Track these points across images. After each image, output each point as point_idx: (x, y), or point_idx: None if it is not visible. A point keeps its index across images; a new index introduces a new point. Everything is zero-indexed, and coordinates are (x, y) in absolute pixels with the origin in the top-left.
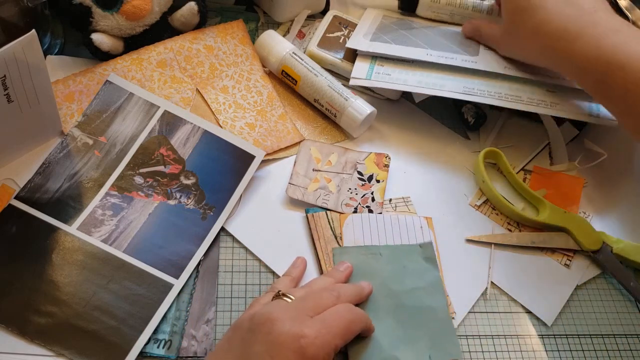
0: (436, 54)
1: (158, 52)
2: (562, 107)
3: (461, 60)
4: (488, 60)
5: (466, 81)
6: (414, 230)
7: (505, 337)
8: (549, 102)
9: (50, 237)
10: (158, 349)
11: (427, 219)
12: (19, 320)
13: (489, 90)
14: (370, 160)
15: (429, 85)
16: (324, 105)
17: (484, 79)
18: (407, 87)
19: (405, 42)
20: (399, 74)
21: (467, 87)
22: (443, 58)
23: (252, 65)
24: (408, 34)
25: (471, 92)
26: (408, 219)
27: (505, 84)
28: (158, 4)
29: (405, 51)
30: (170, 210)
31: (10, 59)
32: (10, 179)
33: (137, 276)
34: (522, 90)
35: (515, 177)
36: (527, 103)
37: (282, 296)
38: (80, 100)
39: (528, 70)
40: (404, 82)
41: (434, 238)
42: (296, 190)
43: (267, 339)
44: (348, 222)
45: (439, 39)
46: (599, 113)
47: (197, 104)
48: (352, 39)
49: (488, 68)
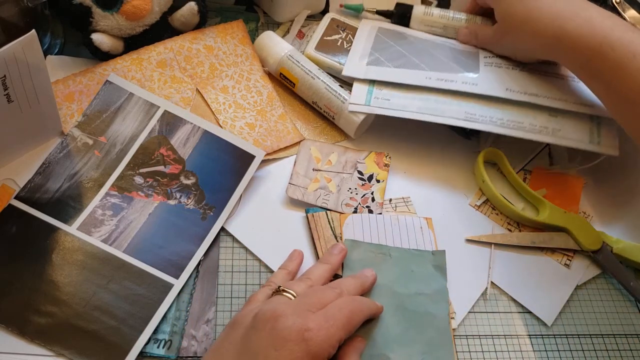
0: (435, 77)
1: (158, 52)
2: (564, 133)
3: (461, 84)
4: (489, 81)
5: (468, 105)
6: (414, 231)
7: (505, 337)
8: (550, 128)
9: (50, 237)
10: (158, 349)
11: (427, 219)
12: (19, 320)
13: (491, 115)
14: (371, 159)
15: (429, 111)
16: (322, 107)
17: (485, 103)
18: (407, 114)
19: (404, 62)
20: (399, 98)
21: (468, 112)
22: (443, 82)
23: (252, 65)
24: (405, 50)
25: (473, 119)
26: (408, 219)
27: (507, 108)
28: (158, 4)
29: (403, 76)
30: (170, 210)
31: (10, 59)
32: (10, 179)
33: (137, 276)
34: (524, 116)
35: (515, 177)
36: (529, 130)
37: (282, 291)
38: (80, 100)
39: (529, 91)
40: (404, 108)
41: (433, 239)
42: (296, 190)
43: (271, 334)
44: (348, 222)
45: (438, 55)
46: (600, 140)
47: (197, 104)
48: (348, 63)
49: (489, 92)
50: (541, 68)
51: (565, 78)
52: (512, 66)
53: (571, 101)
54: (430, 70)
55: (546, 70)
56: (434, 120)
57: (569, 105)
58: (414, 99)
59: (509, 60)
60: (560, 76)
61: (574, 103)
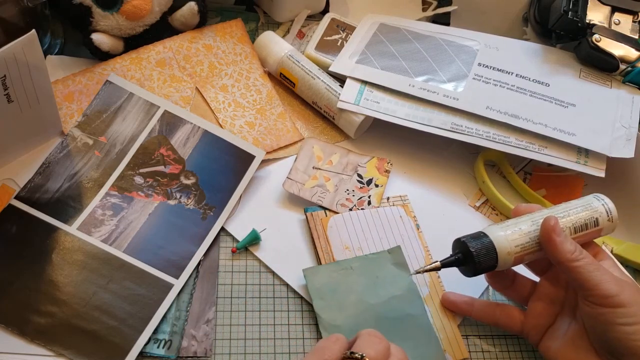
0: (419, 85)
1: (157, 51)
2: (550, 151)
3: (443, 97)
4: (471, 97)
5: (454, 118)
6: (395, 221)
7: (505, 337)
8: (537, 145)
9: (50, 237)
10: (158, 349)
11: (404, 206)
12: (19, 320)
13: (477, 128)
14: (372, 164)
15: (416, 118)
16: (322, 107)
17: (470, 117)
18: (395, 119)
19: (392, 65)
20: (388, 102)
21: (455, 123)
22: (425, 92)
23: (252, 64)
24: (397, 52)
25: (459, 130)
26: (387, 210)
27: (492, 123)
28: (158, 4)
29: (388, 80)
30: (170, 210)
31: (10, 59)
32: (10, 179)
33: (137, 276)
34: (510, 131)
35: (516, 177)
36: (515, 146)
37: None
38: (80, 100)
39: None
40: (393, 113)
41: (414, 224)
42: (293, 185)
43: None
44: (331, 225)
45: (431, 59)
46: (587, 161)
47: (196, 103)
48: (338, 59)
49: (468, 108)
50: (532, 88)
51: (553, 102)
52: (501, 83)
53: (551, 127)
54: (415, 77)
55: (535, 91)
56: (419, 129)
57: (548, 130)
58: (403, 106)
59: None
60: (549, 99)
61: (554, 129)
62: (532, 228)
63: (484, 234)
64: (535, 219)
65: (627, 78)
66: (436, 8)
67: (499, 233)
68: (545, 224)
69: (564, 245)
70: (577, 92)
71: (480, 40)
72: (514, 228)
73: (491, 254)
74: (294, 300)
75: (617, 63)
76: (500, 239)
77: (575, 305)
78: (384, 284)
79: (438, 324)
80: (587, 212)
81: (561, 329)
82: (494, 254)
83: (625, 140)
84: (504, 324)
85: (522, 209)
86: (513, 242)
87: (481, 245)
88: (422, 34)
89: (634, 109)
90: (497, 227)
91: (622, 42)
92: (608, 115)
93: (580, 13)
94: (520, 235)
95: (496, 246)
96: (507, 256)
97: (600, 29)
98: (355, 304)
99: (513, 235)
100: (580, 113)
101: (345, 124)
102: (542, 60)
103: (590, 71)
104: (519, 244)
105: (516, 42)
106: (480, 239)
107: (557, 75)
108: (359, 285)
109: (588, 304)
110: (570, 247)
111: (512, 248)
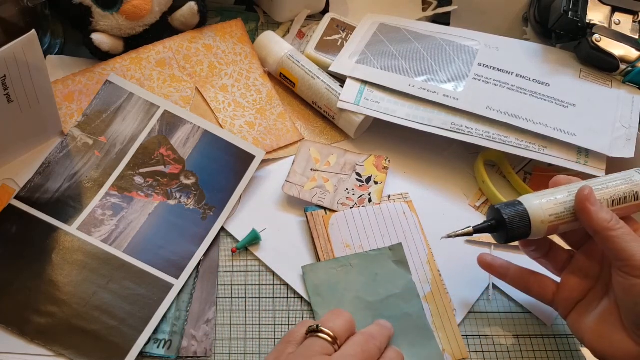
0: (419, 85)
1: (157, 51)
2: (551, 151)
3: (443, 97)
4: (471, 96)
5: (454, 117)
6: (398, 217)
7: (505, 337)
8: (537, 145)
9: (50, 237)
10: (158, 349)
11: (408, 202)
12: (19, 320)
13: (477, 128)
14: (370, 162)
15: (416, 118)
16: (322, 107)
17: (470, 117)
18: (395, 119)
19: (392, 65)
20: (388, 102)
21: (455, 123)
22: (425, 92)
23: (251, 64)
24: (397, 52)
25: (459, 130)
26: (390, 206)
27: (492, 123)
28: (158, 4)
29: (388, 80)
30: (170, 210)
31: (10, 59)
32: (10, 179)
33: (137, 276)
34: (510, 131)
35: (516, 177)
36: (515, 146)
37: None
38: (80, 100)
39: (510, 112)
40: (393, 113)
41: (417, 221)
42: (292, 188)
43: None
44: (333, 223)
45: (431, 59)
46: (587, 161)
47: (196, 103)
48: (338, 59)
49: (469, 108)
50: (532, 88)
51: (553, 102)
52: (501, 83)
53: (551, 127)
54: (415, 77)
55: (535, 91)
56: (419, 129)
57: (548, 130)
58: (404, 106)
59: (500, 75)
60: (549, 99)
61: (554, 129)
62: (569, 198)
63: (518, 202)
64: (572, 189)
65: (627, 78)
66: (436, 8)
67: (534, 202)
68: (580, 193)
69: (599, 214)
70: (577, 92)
71: (480, 40)
72: (549, 197)
73: (524, 221)
74: (294, 300)
75: (617, 63)
76: (535, 207)
77: (609, 282)
78: (383, 281)
79: (438, 324)
80: (627, 186)
81: (592, 304)
82: (527, 222)
83: (625, 140)
84: (536, 292)
85: (561, 179)
86: (547, 211)
87: (515, 213)
88: (422, 34)
89: (634, 109)
90: (533, 196)
91: (622, 42)
92: (608, 115)
93: (580, 13)
94: (556, 204)
95: (530, 214)
96: (540, 224)
97: (601, 29)
98: (353, 302)
99: (548, 204)
100: (580, 113)
101: (345, 124)
102: (542, 60)
103: (591, 71)
104: (553, 213)
105: (516, 42)
106: (515, 207)
107: (557, 75)
108: (358, 283)
109: (622, 274)
110: (606, 216)
111: (547, 217)
